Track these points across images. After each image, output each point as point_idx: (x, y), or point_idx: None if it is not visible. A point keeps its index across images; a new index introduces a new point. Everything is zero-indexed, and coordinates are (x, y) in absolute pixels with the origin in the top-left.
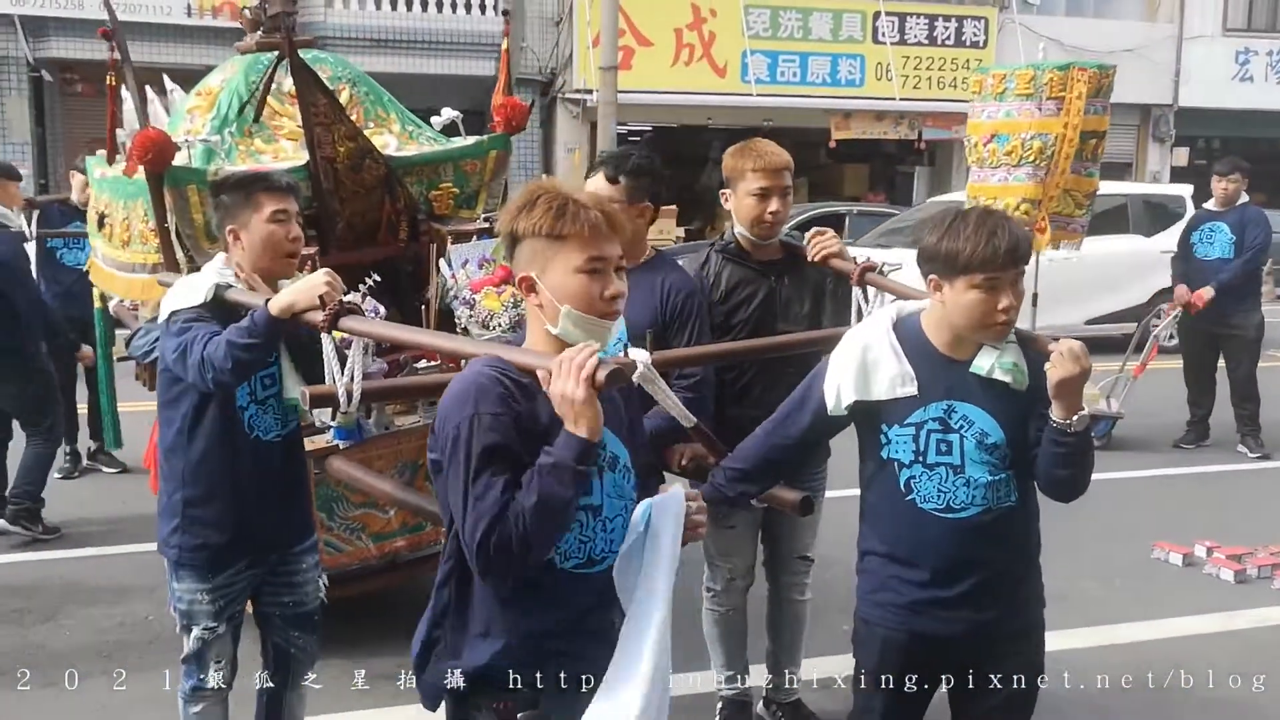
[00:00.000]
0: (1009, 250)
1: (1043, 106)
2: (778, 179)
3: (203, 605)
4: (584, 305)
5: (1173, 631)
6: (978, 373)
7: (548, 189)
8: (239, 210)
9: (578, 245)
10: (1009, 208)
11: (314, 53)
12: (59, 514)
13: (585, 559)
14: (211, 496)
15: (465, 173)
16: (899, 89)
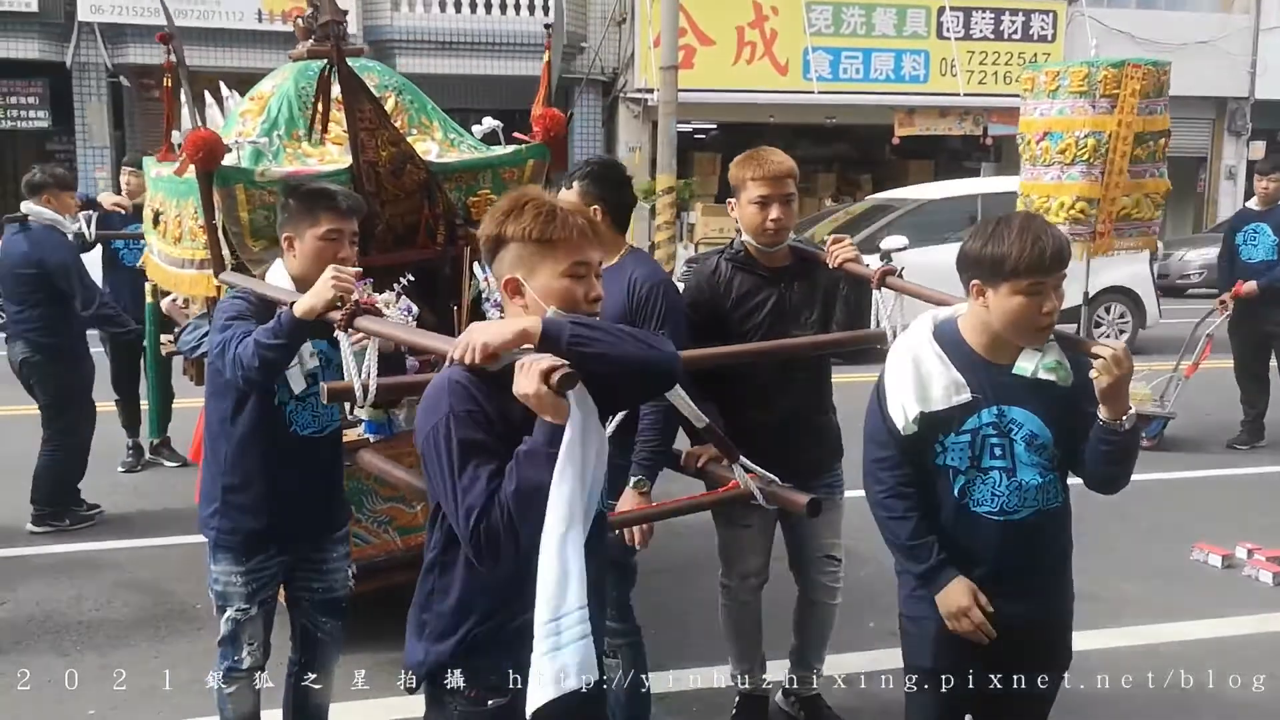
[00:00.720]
0: (1054, 255)
1: (1096, 104)
2: (779, 187)
3: (237, 587)
4: (568, 307)
5: (1202, 633)
6: (1021, 374)
7: (534, 196)
8: (299, 220)
9: (564, 251)
10: (1063, 206)
11: (362, 61)
12: (120, 505)
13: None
14: (249, 485)
15: (503, 180)
16: (964, 84)
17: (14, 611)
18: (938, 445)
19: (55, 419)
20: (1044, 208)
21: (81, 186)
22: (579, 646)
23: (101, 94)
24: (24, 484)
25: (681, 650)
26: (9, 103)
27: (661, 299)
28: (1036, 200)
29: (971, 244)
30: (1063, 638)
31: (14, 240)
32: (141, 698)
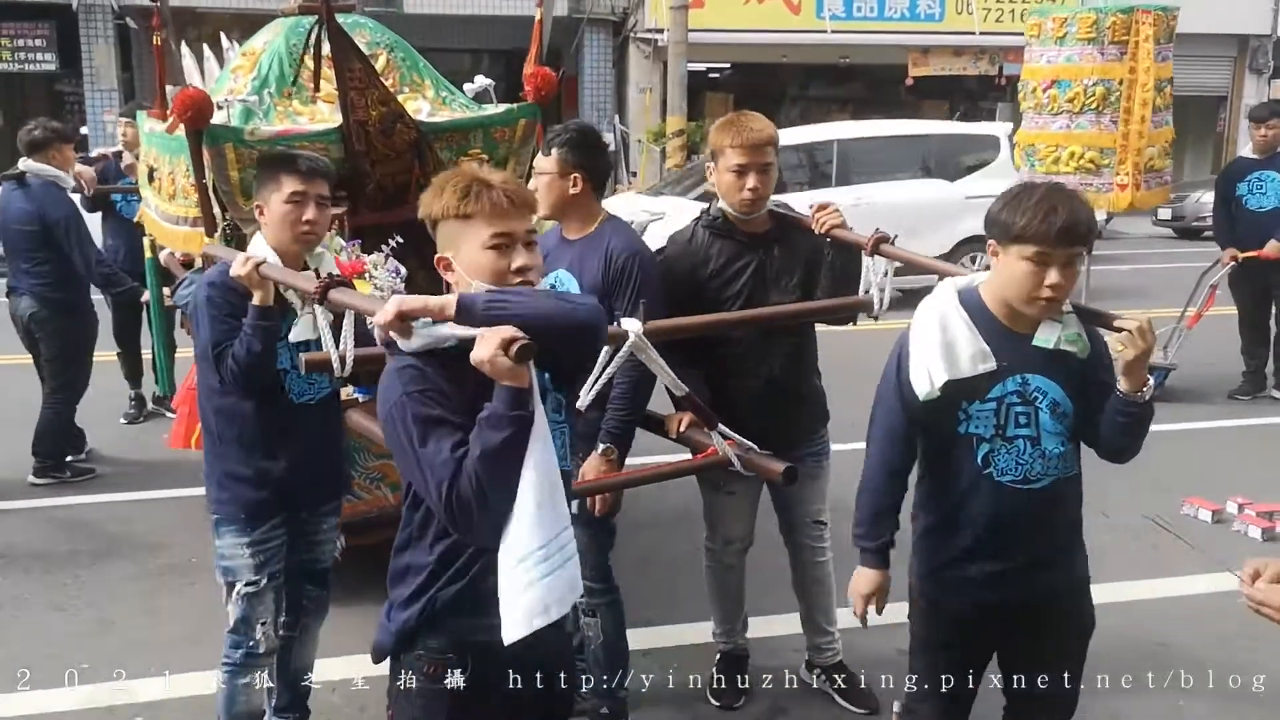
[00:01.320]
0: (1063, 229)
1: (1105, 51)
2: (757, 155)
3: (244, 559)
4: (494, 279)
5: (1182, 590)
6: (1043, 345)
7: (458, 174)
8: (264, 186)
9: (483, 222)
10: (1073, 156)
11: (354, 18)
12: (121, 456)
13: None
14: (249, 456)
15: (495, 139)
16: (979, 23)
17: (11, 565)
18: (960, 413)
19: (60, 373)
20: (1052, 157)
21: (90, 129)
22: (562, 574)
23: (109, 36)
24: (19, 435)
25: (666, 604)
26: (16, 45)
27: (638, 269)
28: (1042, 149)
29: (996, 204)
30: (1085, 600)
31: (13, 197)
32: (135, 651)
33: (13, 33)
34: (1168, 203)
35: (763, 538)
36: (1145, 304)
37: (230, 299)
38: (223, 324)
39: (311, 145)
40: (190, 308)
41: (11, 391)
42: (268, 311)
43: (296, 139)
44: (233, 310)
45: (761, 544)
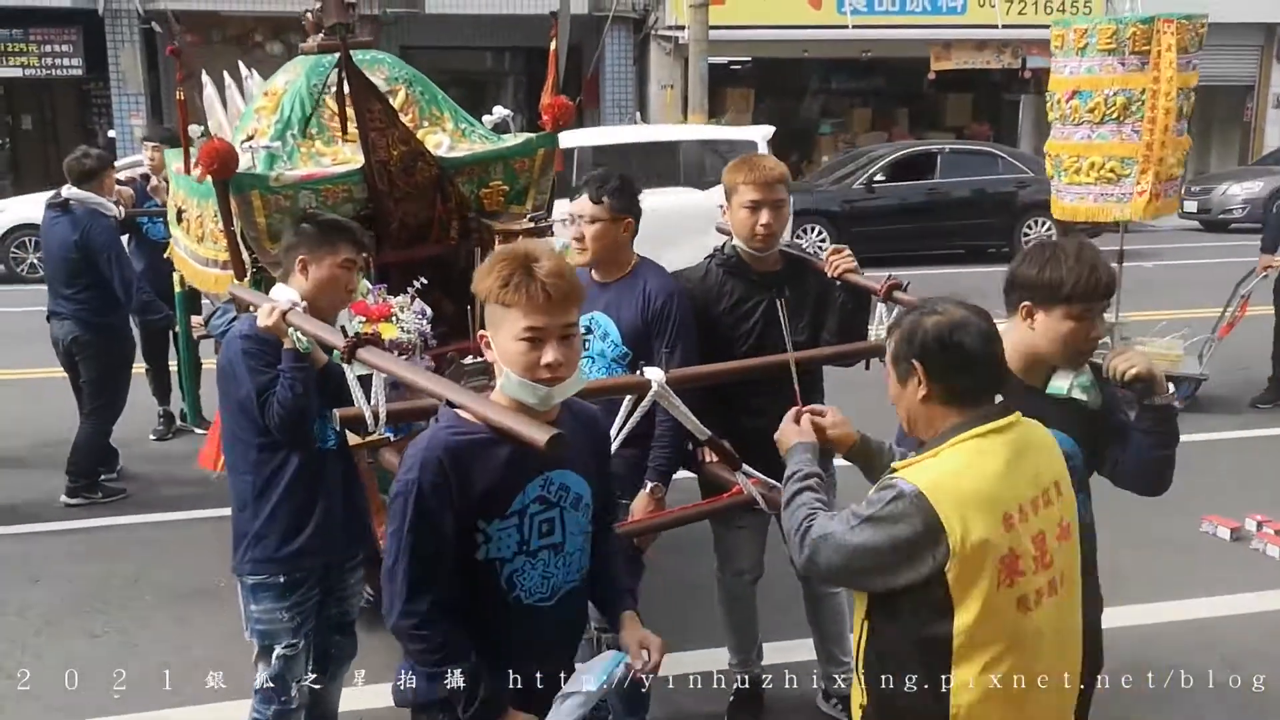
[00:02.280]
0: (1107, 284)
1: (1126, 62)
2: (770, 192)
3: (283, 624)
4: (522, 371)
5: (1201, 612)
6: (1056, 394)
7: (508, 256)
8: (318, 246)
9: (520, 313)
10: (1093, 166)
11: (372, 53)
12: (151, 476)
13: (549, 592)
14: (287, 506)
15: (515, 170)
16: (1002, 15)
17: (46, 591)
18: None
19: (99, 394)
20: (1074, 167)
21: (117, 133)
22: None
23: (134, 40)
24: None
25: (684, 631)
26: (44, 51)
27: (676, 310)
28: (1066, 160)
29: (1026, 268)
30: (1096, 643)
31: (57, 223)
32: (163, 678)
33: (40, 38)
34: (1192, 195)
35: (778, 564)
36: (1171, 302)
37: (265, 349)
38: (262, 374)
39: (335, 187)
40: (223, 362)
41: (47, 410)
42: (301, 355)
43: (321, 183)
44: (270, 360)
45: (776, 571)
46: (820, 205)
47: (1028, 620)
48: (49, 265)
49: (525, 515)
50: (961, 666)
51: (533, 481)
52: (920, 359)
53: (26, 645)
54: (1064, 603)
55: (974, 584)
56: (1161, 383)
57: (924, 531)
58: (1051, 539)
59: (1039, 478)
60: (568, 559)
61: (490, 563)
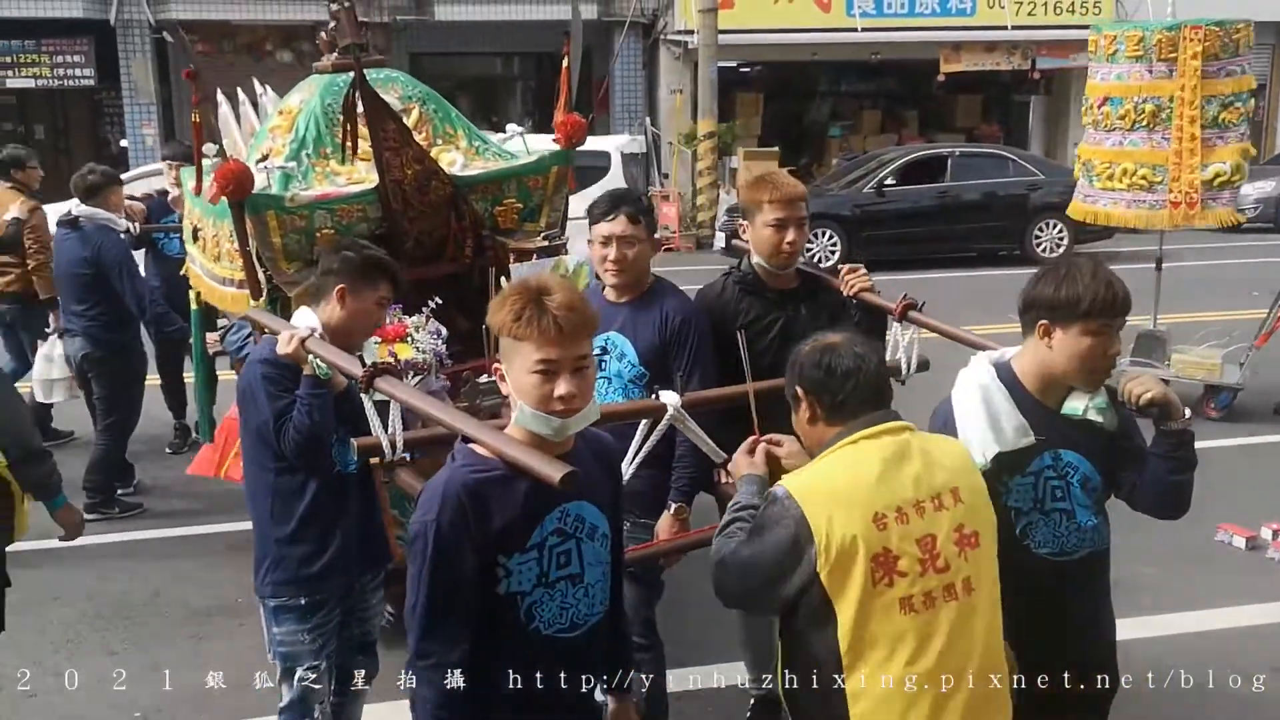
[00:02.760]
0: (1124, 299)
1: (1153, 69)
2: (793, 209)
3: (305, 645)
4: (535, 404)
5: (1217, 623)
6: (1071, 415)
7: (520, 289)
8: (361, 279)
9: (532, 347)
10: (1125, 173)
11: (386, 72)
12: (167, 490)
13: (568, 624)
14: (307, 530)
15: (528, 188)
16: (1011, 16)
17: (66, 607)
18: (1000, 486)
19: (112, 410)
20: (1106, 173)
21: (129, 141)
22: None
23: (146, 50)
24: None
25: (700, 647)
26: (56, 61)
27: (694, 332)
28: (1098, 165)
29: (1042, 287)
30: (1111, 663)
31: (68, 241)
32: (186, 698)
33: (53, 48)
34: None
35: None
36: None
37: (285, 374)
38: (280, 399)
39: (350, 207)
40: (243, 385)
41: (61, 423)
42: (319, 382)
43: (336, 202)
44: (288, 385)
45: None
46: (831, 210)
47: (917, 622)
48: (60, 283)
49: (544, 548)
50: (854, 669)
51: (550, 514)
52: (800, 384)
53: (45, 663)
54: (971, 608)
55: (847, 580)
56: (1177, 407)
57: (796, 531)
58: (946, 543)
59: (923, 482)
60: (588, 590)
61: (511, 596)
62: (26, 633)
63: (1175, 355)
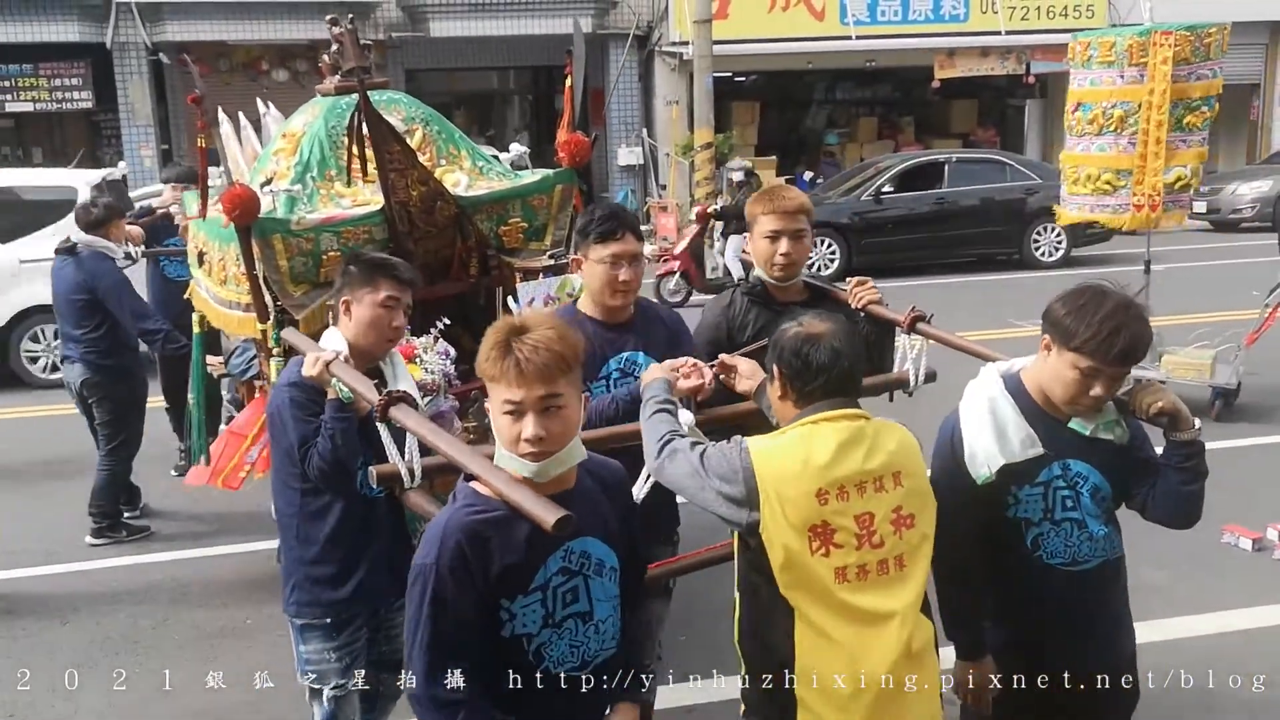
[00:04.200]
0: (1122, 351)
1: (1124, 74)
2: (789, 221)
3: (331, 664)
4: (508, 445)
5: (1226, 626)
6: (1080, 431)
7: (500, 328)
8: (359, 286)
9: (502, 387)
10: (1089, 178)
11: (388, 94)
12: (173, 511)
13: (579, 662)
14: (333, 553)
15: (533, 207)
16: (1005, 21)
17: (75, 631)
18: (1009, 497)
19: (114, 435)
20: (1073, 177)
21: (127, 163)
22: None
23: (143, 72)
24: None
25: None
26: (54, 85)
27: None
28: (1068, 170)
29: (1059, 303)
30: (1131, 674)
31: (64, 268)
32: (201, 717)
33: (50, 72)
34: (1201, 196)
35: None
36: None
37: (313, 397)
38: (306, 423)
39: (356, 229)
40: (272, 409)
41: (67, 447)
42: (344, 406)
43: (342, 225)
44: (315, 410)
45: None
46: (829, 218)
47: (846, 591)
48: (58, 310)
49: (548, 589)
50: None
51: (553, 555)
52: (778, 363)
53: (56, 688)
54: (896, 585)
55: (782, 539)
56: (1187, 418)
57: (744, 488)
58: (883, 522)
59: (869, 465)
60: (598, 627)
61: (516, 639)
62: (36, 656)
63: (1166, 356)
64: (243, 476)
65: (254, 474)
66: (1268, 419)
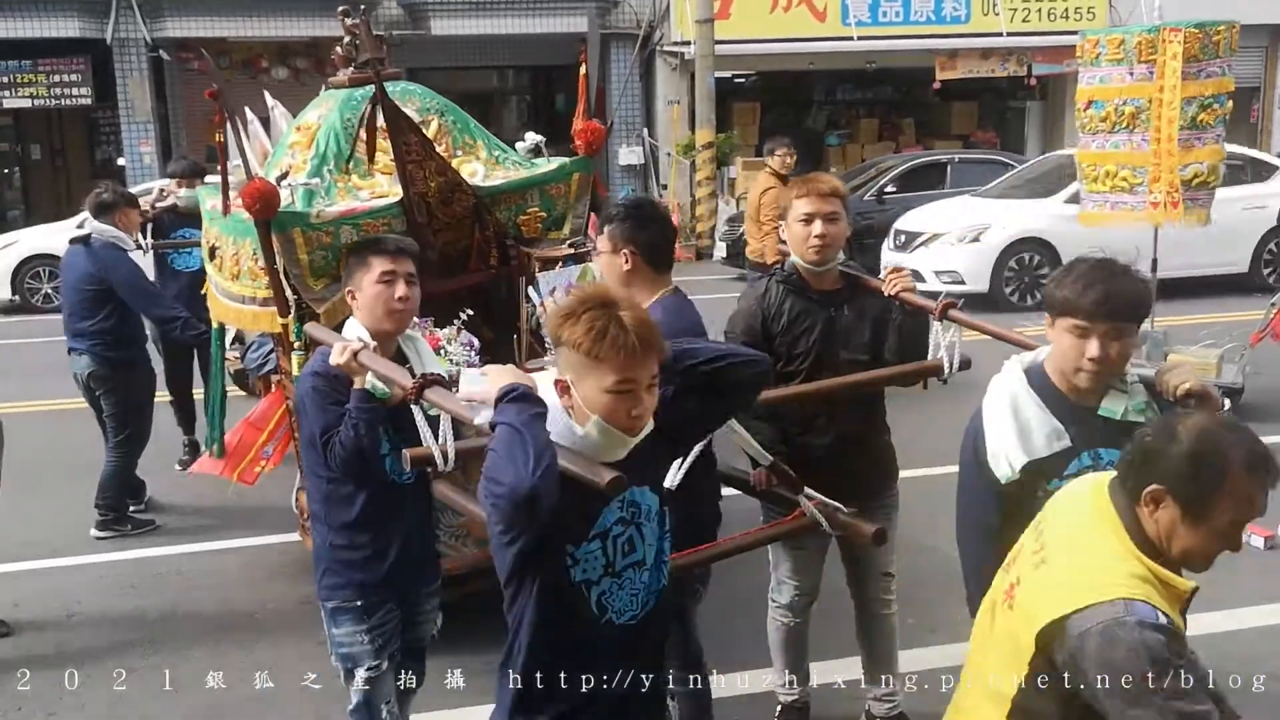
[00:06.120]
0: (1097, 302)
1: (1134, 71)
2: (823, 204)
3: (364, 646)
4: (611, 421)
5: (1241, 623)
6: (1110, 415)
7: (593, 302)
8: (355, 272)
9: (611, 368)
10: (1108, 175)
11: (403, 85)
12: (178, 505)
13: (639, 608)
14: (361, 537)
15: (551, 196)
16: (1006, 23)
17: (80, 624)
18: (1040, 493)
19: (121, 428)
20: (1092, 175)
21: (127, 160)
22: None
23: (142, 69)
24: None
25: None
26: (53, 81)
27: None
28: (1086, 169)
29: (1050, 281)
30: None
31: (76, 257)
32: (205, 714)
33: (49, 68)
34: None
35: (829, 582)
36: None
37: (335, 387)
38: (328, 412)
39: (375, 221)
40: (297, 398)
41: (72, 441)
42: (370, 397)
43: (361, 217)
44: (338, 398)
45: (826, 589)
46: None
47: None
48: (67, 300)
49: (608, 537)
50: None
51: (610, 505)
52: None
53: (63, 682)
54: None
55: None
56: (1216, 400)
57: None
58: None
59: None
60: (651, 573)
61: (578, 586)
62: (44, 650)
63: (1172, 356)
64: (258, 471)
65: (267, 468)
66: (1273, 418)
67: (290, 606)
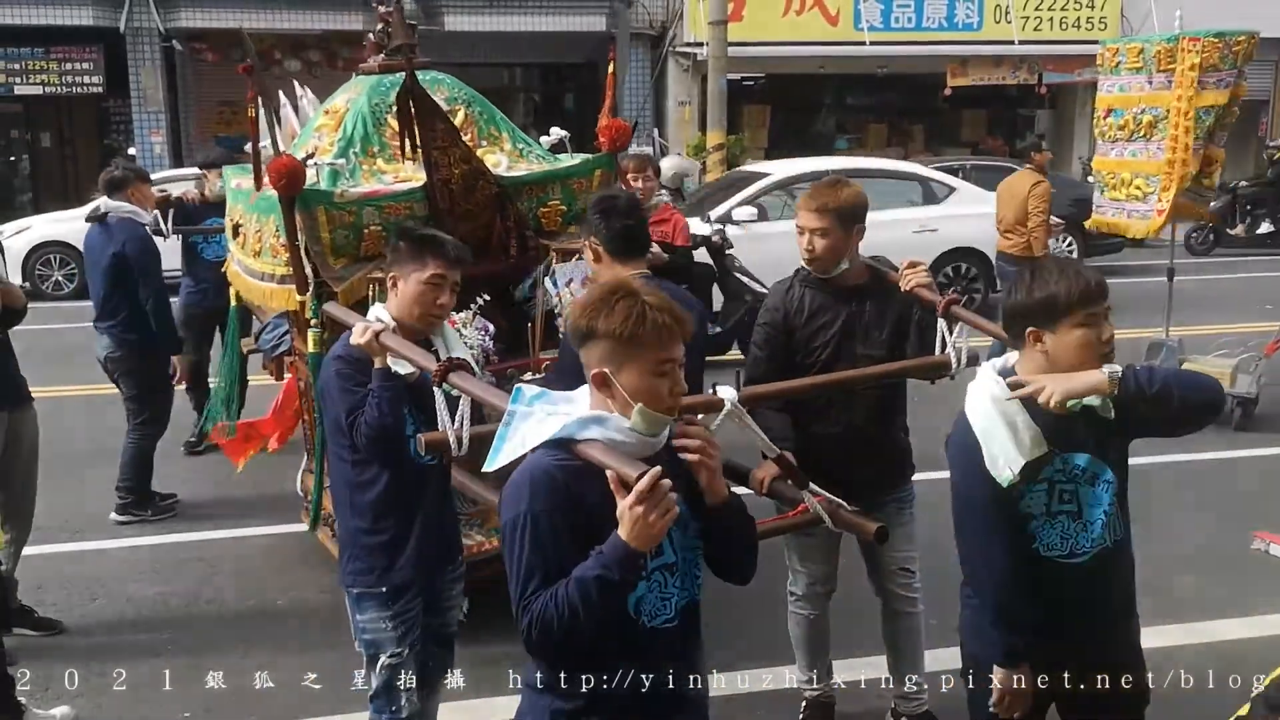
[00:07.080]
0: (1098, 284)
1: (1153, 80)
2: (811, 219)
3: (387, 632)
4: (654, 404)
5: (1260, 631)
6: (1072, 410)
7: (620, 291)
8: (406, 261)
9: (653, 350)
10: (1123, 183)
11: (432, 74)
12: (196, 493)
13: (673, 612)
14: (385, 521)
15: (573, 190)
16: (1018, 31)
17: (106, 608)
18: (1021, 496)
19: (140, 411)
20: (1112, 183)
21: (137, 150)
22: None
23: (155, 58)
24: (101, 469)
25: (745, 647)
26: (65, 69)
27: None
28: (1105, 176)
29: (1017, 296)
30: (1139, 669)
31: (95, 235)
32: (233, 699)
33: (61, 55)
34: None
35: (843, 579)
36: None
37: (359, 369)
38: (352, 394)
39: (398, 204)
40: (321, 382)
41: (86, 425)
42: (391, 374)
43: (384, 200)
44: (362, 380)
45: (842, 584)
46: None
47: None
48: (91, 281)
49: None
50: None
51: None
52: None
53: (91, 664)
54: None
55: None
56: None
57: None
58: None
59: None
60: (683, 577)
61: None
62: (69, 634)
63: (1187, 365)
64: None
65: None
66: None
67: (312, 595)
